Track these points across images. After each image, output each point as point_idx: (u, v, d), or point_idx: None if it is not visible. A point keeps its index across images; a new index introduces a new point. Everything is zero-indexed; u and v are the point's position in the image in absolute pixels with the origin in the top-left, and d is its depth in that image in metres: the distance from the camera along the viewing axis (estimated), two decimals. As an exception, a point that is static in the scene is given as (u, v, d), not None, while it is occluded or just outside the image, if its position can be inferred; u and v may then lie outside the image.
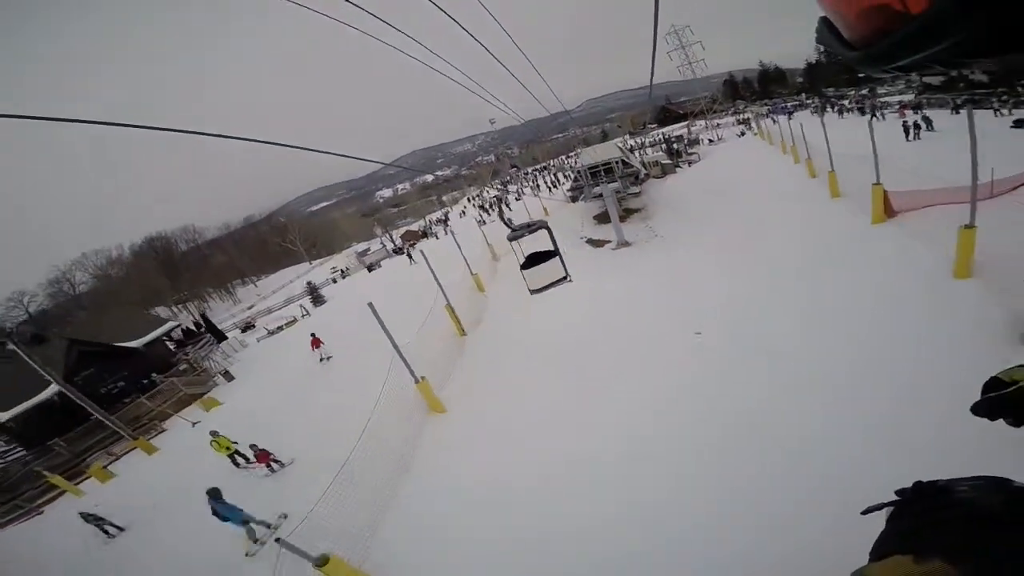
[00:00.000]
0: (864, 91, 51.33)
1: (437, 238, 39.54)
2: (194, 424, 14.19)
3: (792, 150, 18.83)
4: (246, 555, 6.84)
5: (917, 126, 20.63)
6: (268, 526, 7.17)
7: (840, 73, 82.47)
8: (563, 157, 72.19)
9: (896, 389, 5.19)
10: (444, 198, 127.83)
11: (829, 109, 41.34)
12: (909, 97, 36.96)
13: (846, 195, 12.22)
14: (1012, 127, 17.95)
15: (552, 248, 6.22)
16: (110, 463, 14.38)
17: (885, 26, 0.43)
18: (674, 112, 78.56)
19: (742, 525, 4.36)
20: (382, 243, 46.16)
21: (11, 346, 14.16)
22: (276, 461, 9.08)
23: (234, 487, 7.76)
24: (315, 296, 31.37)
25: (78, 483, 13.27)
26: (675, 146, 31.90)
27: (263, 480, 8.90)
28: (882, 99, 40.51)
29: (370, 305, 8.04)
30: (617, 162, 18.80)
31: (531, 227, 5.95)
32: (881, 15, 0.43)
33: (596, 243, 17.68)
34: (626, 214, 19.55)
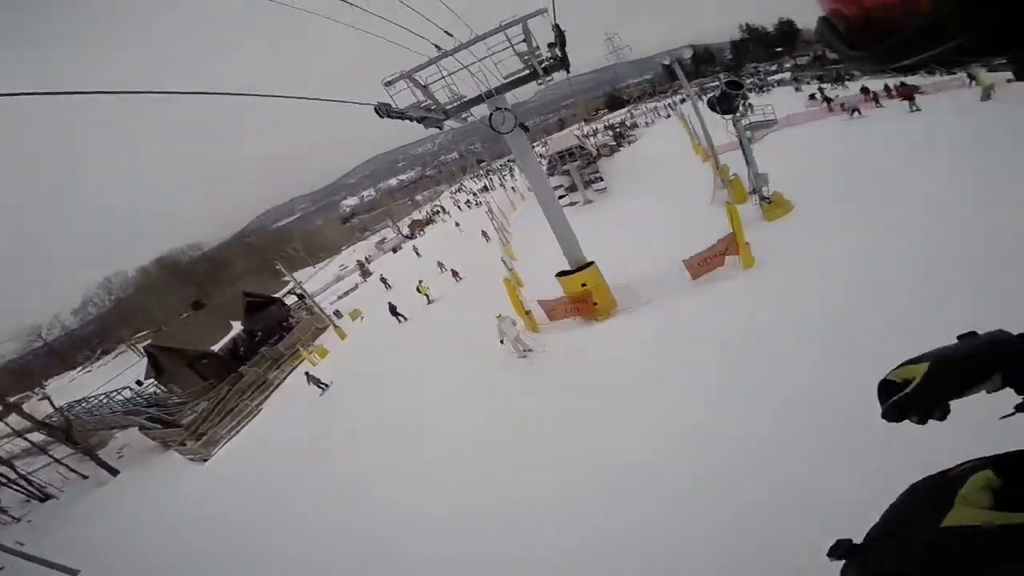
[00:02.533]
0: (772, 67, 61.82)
1: (444, 222, 49.38)
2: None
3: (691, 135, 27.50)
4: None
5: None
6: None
7: (762, 48, 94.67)
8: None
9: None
10: (418, 198, 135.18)
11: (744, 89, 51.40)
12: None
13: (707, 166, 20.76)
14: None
15: None
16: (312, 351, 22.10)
17: (886, 26, 0.45)
18: (620, 98, 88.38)
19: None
20: (397, 232, 54.50)
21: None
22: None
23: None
24: (364, 271, 41.06)
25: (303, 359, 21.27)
26: (619, 130, 41.14)
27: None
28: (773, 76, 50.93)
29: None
30: (576, 147, 27.61)
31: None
32: (883, 15, 0.45)
33: (568, 204, 26.32)
34: (587, 184, 28.26)
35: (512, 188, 42.47)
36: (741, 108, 11.51)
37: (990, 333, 0.65)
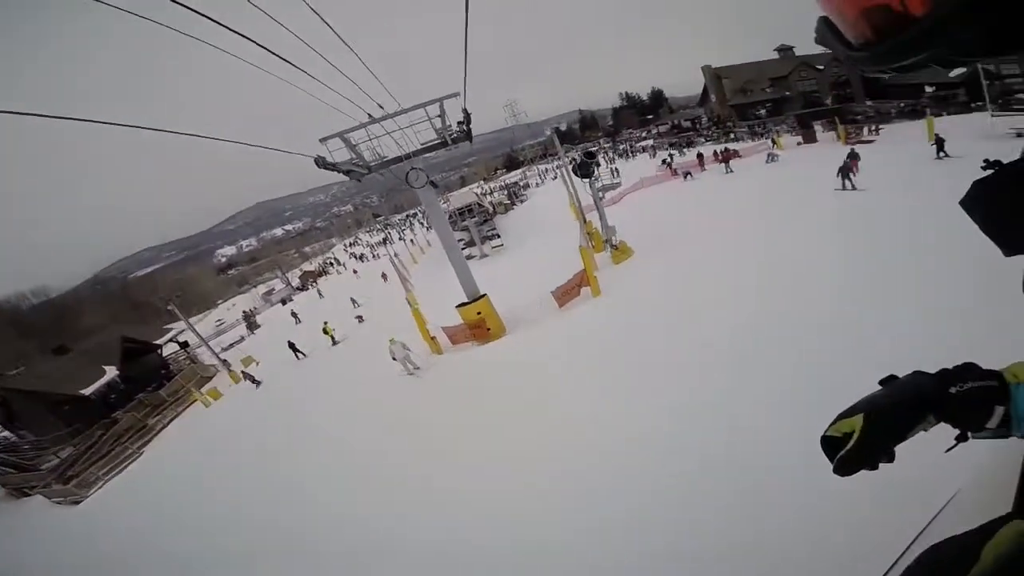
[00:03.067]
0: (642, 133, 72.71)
1: (339, 273, 49.15)
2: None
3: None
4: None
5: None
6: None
7: (636, 115, 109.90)
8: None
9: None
10: (307, 249, 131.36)
11: (611, 154, 59.86)
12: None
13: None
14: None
15: None
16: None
17: (887, 26, 0.45)
18: (516, 159, 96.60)
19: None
20: (286, 283, 52.85)
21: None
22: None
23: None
24: (250, 323, 39.41)
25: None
26: (513, 189, 46.07)
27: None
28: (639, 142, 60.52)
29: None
30: (475, 204, 31.03)
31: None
32: (883, 16, 0.45)
33: (467, 257, 29.23)
34: (484, 239, 31.54)
35: (411, 241, 44.61)
36: (596, 173, 15.44)
37: (911, 376, 0.68)
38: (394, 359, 11.95)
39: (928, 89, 43.67)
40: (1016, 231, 0.63)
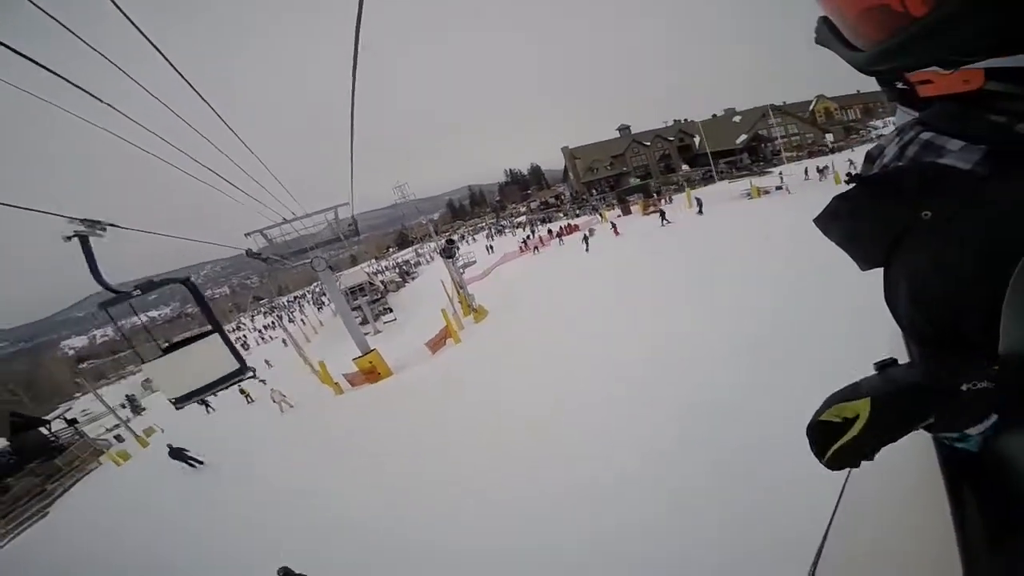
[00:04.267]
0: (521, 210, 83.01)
1: None
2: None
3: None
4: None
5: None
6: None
7: (518, 191, 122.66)
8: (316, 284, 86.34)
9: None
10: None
11: (492, 231, 68.47)
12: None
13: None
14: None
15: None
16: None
17: (887, 26, 0.46)
18: (407, 237, 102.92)
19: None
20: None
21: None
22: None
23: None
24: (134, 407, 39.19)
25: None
26: (404, 268, 51.27)
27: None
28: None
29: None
30: (366, 283, 35.47)
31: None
32: (883, 15, 0.46)
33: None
34: (376, 316, 35.71)
35: (303, 321, 46.87)
36: (456, 255, 21.35)
37: (920, 363, 0.62)
38: (273, 401, 17.37)
39: (722, 160, 58.05)
40: (872, 244, 0.65)
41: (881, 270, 0.67)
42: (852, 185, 0.66)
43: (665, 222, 26.83)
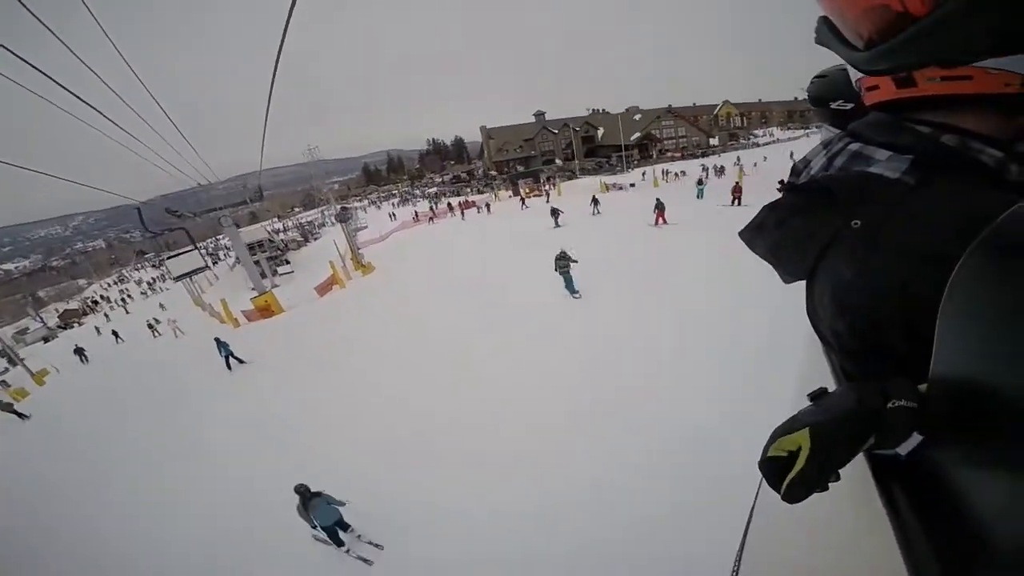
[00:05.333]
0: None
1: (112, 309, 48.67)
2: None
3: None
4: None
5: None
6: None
7: (439, 161, 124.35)
8: (215, 238, 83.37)
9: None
10: (41, 294, 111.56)
11: (397, 200, 71.27)
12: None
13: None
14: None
15: None
16: None
17: (887, 26, 0.47)
18: (315, 198, 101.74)
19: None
20: (42, 323, 48.65)
21: None
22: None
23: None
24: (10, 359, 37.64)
25: None
26: (307, 228, 53.08)
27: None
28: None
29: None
30: (266, 240, 37.70)
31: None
32: (883, 15, 0.47)
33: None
34: (274, 272, 38.07)
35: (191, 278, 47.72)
36: (351, 219, 25.17)
37: (847, 387, 0.59)
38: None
39: (614, 154, 65.08)
40: (800, 254, 0.66)
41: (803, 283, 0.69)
42: (782, 194, 0.69)
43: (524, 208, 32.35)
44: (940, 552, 0.43)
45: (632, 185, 34.89)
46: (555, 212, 23.76)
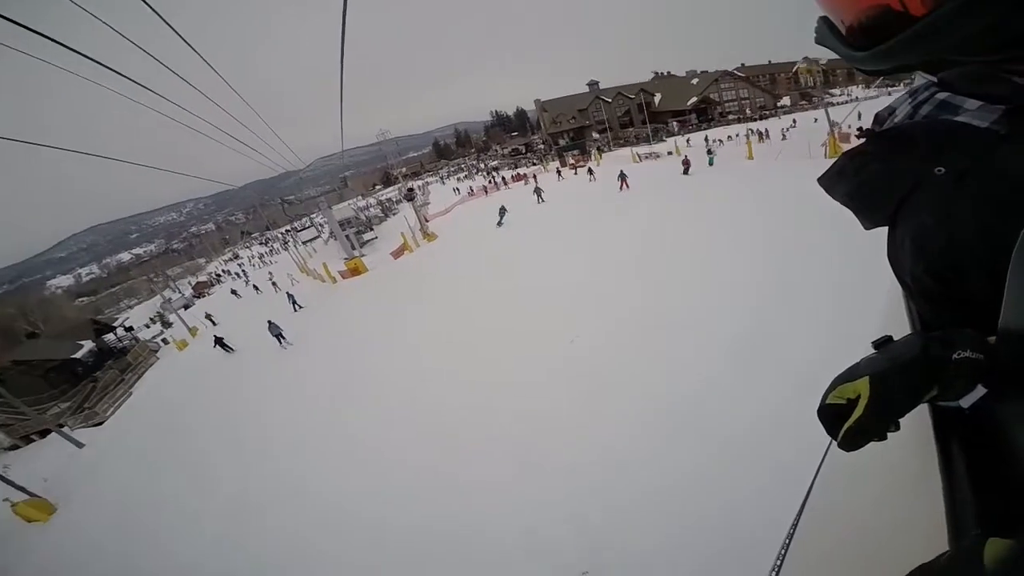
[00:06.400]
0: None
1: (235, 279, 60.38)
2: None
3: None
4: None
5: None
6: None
7: (503, 132, 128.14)
8: (305, 218, 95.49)
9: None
10: (170, 272, 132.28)
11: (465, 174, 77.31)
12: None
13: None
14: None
15: None
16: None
17: (887, 26, 0.46)
18: (391, 176, 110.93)
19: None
20: (181, 294, 61.86)
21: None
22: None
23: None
24: (164, 322, 49.44)
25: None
26: (386, 205, 60.88)
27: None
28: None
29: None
30: (353, 218, 45.40)
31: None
32: (883, 15, 0.47)
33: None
34: (362, 243, 45.75)
35: (295, 247, 56.85)
36: (416, 198, 31.42)
37: (912, 336, 0.58)
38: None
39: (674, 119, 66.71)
40: (881, 200, 0.66)
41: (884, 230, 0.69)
42: (863, 140, 0.68)
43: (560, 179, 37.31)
44: (986, 510, 0.43)
45: (669, 153, 38.04)
46: (538, 191, 30.88)
